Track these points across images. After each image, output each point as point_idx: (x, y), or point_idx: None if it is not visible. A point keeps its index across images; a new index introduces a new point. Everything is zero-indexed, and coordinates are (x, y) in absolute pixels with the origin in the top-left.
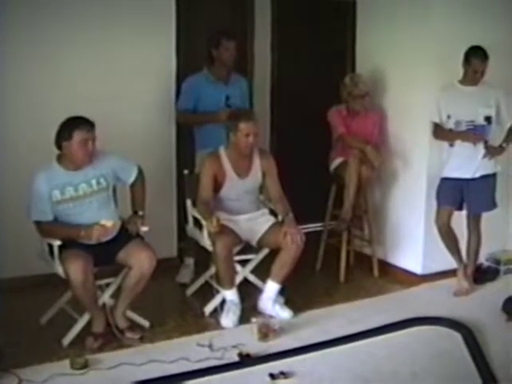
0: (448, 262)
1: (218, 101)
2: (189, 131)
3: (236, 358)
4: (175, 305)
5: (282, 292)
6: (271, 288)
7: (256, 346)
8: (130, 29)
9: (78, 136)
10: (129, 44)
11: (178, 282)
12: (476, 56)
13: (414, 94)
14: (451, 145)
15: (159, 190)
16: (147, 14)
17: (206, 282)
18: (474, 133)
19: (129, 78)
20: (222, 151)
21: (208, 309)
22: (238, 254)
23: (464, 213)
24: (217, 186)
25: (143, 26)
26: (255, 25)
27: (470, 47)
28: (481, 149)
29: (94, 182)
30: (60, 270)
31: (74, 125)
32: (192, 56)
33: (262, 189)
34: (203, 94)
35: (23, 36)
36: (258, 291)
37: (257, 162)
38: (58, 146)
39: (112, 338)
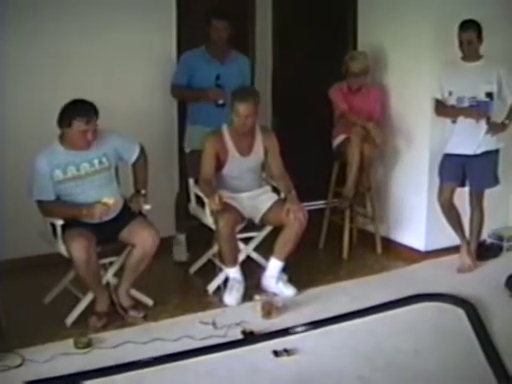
0: (451, 238)
1: (209, 79)
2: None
3: (239, 336)
4: (178, 283)
5: (285, 269)
6: (274, 265)
7: (259, 324)
8: (131, 10)
9: (76, 126)
10: (130, 25)
11: (175, 260)
12: (463, 27)
13: (415, 70)
14: (453, 121)
15: (161, 168)
16: None
17: (209, 260)
18: (476, 109)
19: (130, 57)
20: (225, 129)
21: (211, 287)
22: (241, 231)
23: (467, 189)
24: (219, 164)
25: (144, 7)
26: (256, 4)
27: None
28: (483, 125)
29: (96, 161)
30: (63, 250)
31: (74, 114)
32: (193, 35)
33: (264, 166)
34: (197, 71)
35: (23, 20)
36: (261, 269)
37: (259, 140)
38: (60, 126)
39: (116, 317)
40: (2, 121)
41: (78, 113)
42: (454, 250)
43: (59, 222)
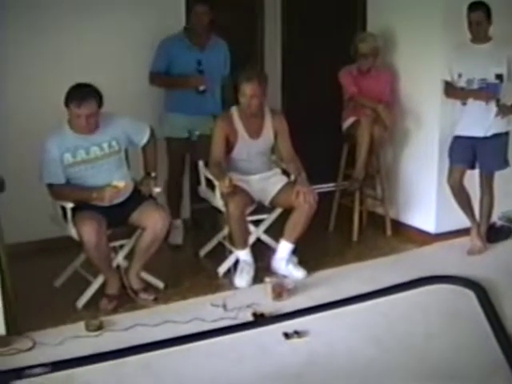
0: (461, 220)
1: (189, 65)
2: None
3: (250, 318)
4: (189, 266)
5: (295, 252)
6: (284, 248)
7: (270, 306)
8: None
9: (72, 110)
10: (138, 11)
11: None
12: (472, 7)
13: (425, 52)
14: (463, 103)
15: None
16: None
17: (219, 243)
18: (485, 91)
19: (134, 39)
20: (234, 111)
21: (222, 269)
22: (251, 214)
23: (477, 172)
24: (229, 146)
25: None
26: None
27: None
28: (493, 107)
29: (105, 145)
30: (73, 233)
31: (69, 97)
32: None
33: (274, 149)
34: (176, 57)
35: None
36: (271, 251)
37: (268, 122)
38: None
39: (126, 300)
40: (8, 105)
41: (72, 96)
42: (464, 232)
43: (69, 205)
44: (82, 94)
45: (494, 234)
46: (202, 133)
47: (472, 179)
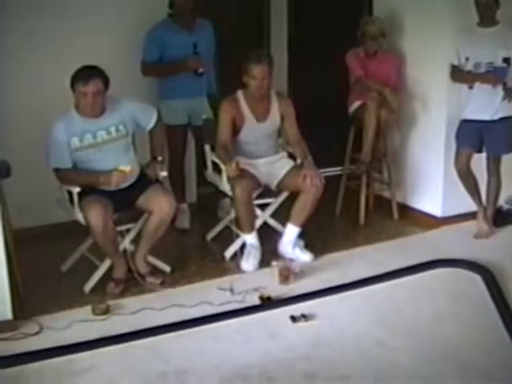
0: (468, 204)
1: (184, 49)
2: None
3: (257, 301)
4: (196, 250)
5: (301, 235)
6: (291, 231)
7: (277, 289)
8: None
9: (76, 88)
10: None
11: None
12: None
13: (432, 35)
14: (470, 87)
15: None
16: None
17: (226, 227)
18: (492, 75)
19: (142, 23)
20: (240, 95)
21: (228, 253)
22: (258, 197)
23: (484, 155)
24: (235, 129)
25: None
26: None
27: None
28: (500, 91)
29: (112, 129)
30: (80, 217)
31: (75, 76)
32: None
33: (280, 132)
34: (168, 44)
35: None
36: (277, 235)
37: (275, 106)
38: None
39: (133, 284)
40: (13, 90)
41: (78, 76)
42: (470, 216)
43: (76, 190)
44: (89, 72)
45: (500, 218)
46: (208, 117)
47: (479, 163)
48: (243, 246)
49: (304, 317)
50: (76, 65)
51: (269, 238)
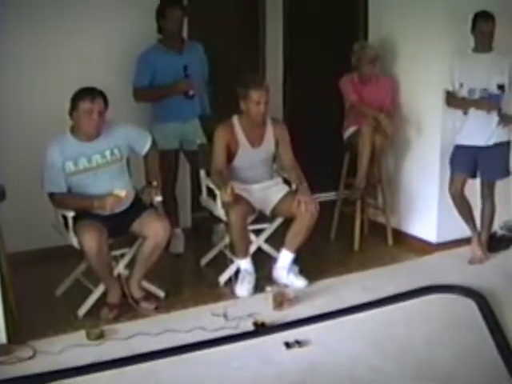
0: (462, 230)
1: (175, 72)
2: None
3: (251, 327)
4: (190, 275)
5: (296, 261)
6: (285, 257)
7: (271, 315)
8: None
9: (82, 106)
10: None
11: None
12: (480, 18)
13: (426, 61)
14: (465, 113)
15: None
16: None
17: (220, 252)
18: (487, 101)
19: (133, 48)
20: (235, 120)
21: (223, 278)
22: (252, 223)
23: (478, 181)
24: (230, 155)
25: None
26: None
27: (476, 12)
28: (494, 116)
29: (107, 152)
30: (75, 242)
31: (79, 95)
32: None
33: (275, 158)
34: (159, 67)
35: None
36: (272, 260)
37: (270, 131)
38: (71, 116)
39: (127, 309)
40: (9, 113)
41: (82, 93)
42: (465, 241)
43: (71, 214)
44: (93, 91)
45: (494, 244)
46: (203, 142)
47: (473, 188)
48: (237, 272)
49: (298, 343)
50: (68, 89)
51: (263, 264)
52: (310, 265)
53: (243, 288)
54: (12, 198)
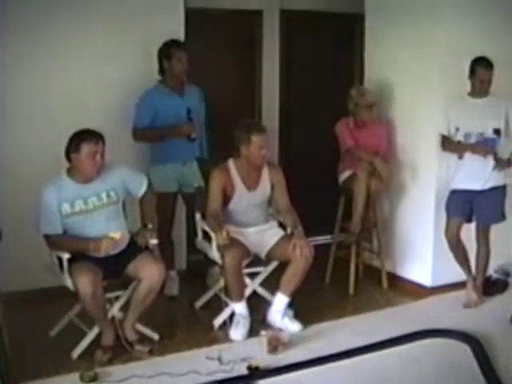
0: (457, 274)
1: (177, 114)
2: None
3: (245, 371)
4: (184, 317)
5: (291, 305)
6: (280, 301)
7: (265, 359)
8: (139, 43)
9: (85, 148)
10: (137, 59)
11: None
12: (480, 65)
13: (421, 105)
14: (460, 157)
15: None
16: (156, 31)
17: (215, 295)
18: (483, 145)
19: (131, 89)
20: (231, 163)
21: (217, 321)
22: (247, 266)
23: (473, 225)
24: (226, 198)
25: (151, 40)
26: (263, 38)
27: (474, 58)
28: (490, 161)
29: (103, 195)
30: (69, 283)
31: (82, 137)
32: (200, 70)
33: (270, 201)
34: (161, 108)
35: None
36: (267, 304)
37: (266, 175)
38: (68, 158)
39: (121, 351)
40: (5, 154)
41: (85, 136)
42: (460, 285)
43: (66, 256)
44: (95, 133)
45: (489, 287)
46: (200, 184)
47: (468, 232)
48: (232, 315)
49: None
50: (65, 131)
51: (258, 307)
52: (305, 308)
53: (238, 332)
54: (8, 237)
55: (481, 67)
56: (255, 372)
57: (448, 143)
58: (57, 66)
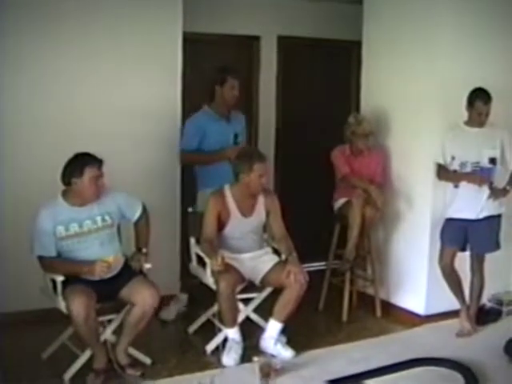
0: (451, 302)
1: (225, 139)
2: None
3: None
4: (177, 342)
5: (284, 331)
6: (273, 327)
7: None
8: (137, 67)
9: (89, 173)
10: (135, 82)
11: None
12: (479, 98)
13: (417, 134)
14: (456, 186)
15: (163, 227)
16: (153, 55)
17: (208, 320)
18: (479, 174)
19: (134, 115)
20: (227, 189)
21: (210, 347)
22: (241, 292)
23: (467, 253)
24: (221, 224)
25: (149, 64)
26: (261, 64)
27: (473, 90)
28: (485, 190)
29: (98, 218)
30: (62, 306)
31: (85, 162)
32: (197, 95)
33: (265, 227)
34: (209, 133)
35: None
36: (260, 330)
37: (261, 201)
38: (67, 181)
39: (113, 375)
40: (1, 176)
41: (89, 159)
42: (453, 314)
43: (60, 278)
44: (96, 158)
45: (483, 316)
46: (195, 209)
47: (463, 260)
48: (225, 341)
49: None
50: (64, 153)
51: (251, 333)
52: (298, 335)
53: (230, 358)
54: (0, 260)
55: (480, 101)
56: None
57: (444, 172)
58: (57, 89)
